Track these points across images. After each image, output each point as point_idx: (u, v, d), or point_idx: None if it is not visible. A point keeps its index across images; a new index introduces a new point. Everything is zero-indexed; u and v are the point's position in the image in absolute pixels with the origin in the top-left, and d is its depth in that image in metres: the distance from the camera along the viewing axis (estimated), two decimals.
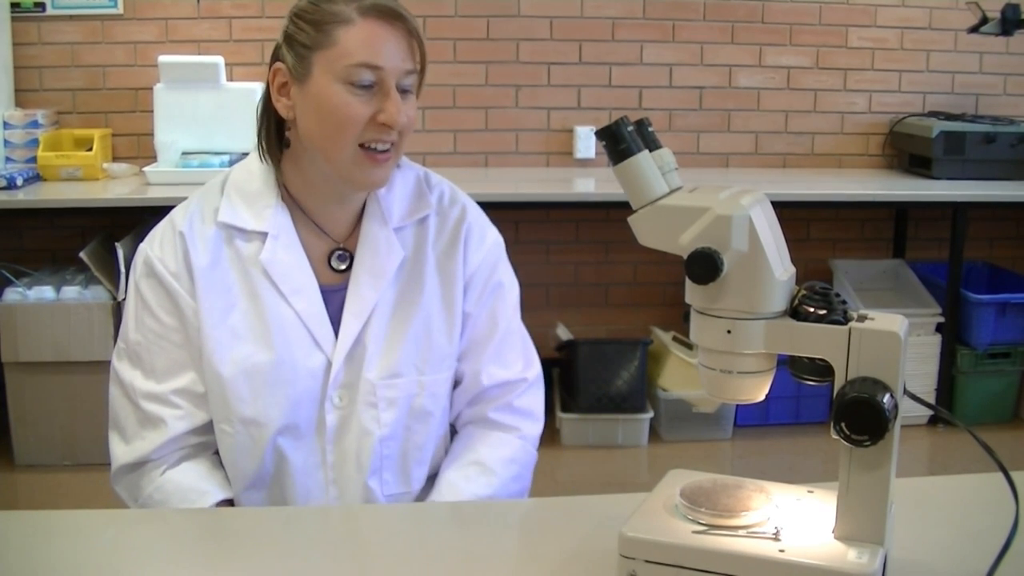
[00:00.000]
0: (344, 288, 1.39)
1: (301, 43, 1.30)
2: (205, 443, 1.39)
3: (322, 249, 1.41)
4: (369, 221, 1.41)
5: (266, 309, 1.35)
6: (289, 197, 1.40)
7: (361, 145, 1.31)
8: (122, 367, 1.38)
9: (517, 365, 1.49)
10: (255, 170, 1.41)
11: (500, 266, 1.49)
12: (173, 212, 1.41)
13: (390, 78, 1.29)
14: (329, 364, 1.37)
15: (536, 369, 1.52)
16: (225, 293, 1.36)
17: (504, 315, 1.48)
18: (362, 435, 1.38)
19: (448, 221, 1.45)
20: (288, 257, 1.37)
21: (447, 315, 1.43)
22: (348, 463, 1.38)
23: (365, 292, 1.38)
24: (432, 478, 1.46)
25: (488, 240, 1.48)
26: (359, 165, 1.32)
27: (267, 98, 1.37)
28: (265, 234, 1.37)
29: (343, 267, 1.41)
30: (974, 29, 3.56)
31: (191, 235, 1.37)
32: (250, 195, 1.39)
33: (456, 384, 1.48)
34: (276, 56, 1.35)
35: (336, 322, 1.38)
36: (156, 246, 1.38)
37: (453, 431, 1.52)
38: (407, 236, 1.43)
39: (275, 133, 1.39)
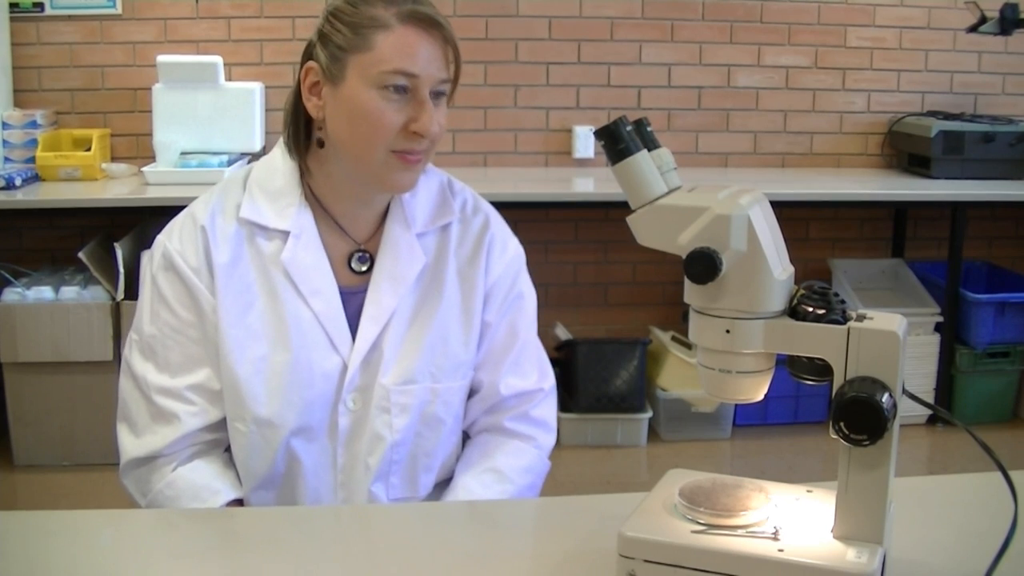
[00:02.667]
0: (363, 290, 1.38)
1: (337, 44, 1.28)
2: (218, 440, 1.39)
3: (343, 250, 1.40)
4: (392, 225, 1.40)
5: (284, 309, 1.35)
6: (312, 196, 1.39)
7: (393, 151, 1.30)
8: (135, 360, 1.37)
9: (533, 375, 1.49)
10: (278, 167, 1.39)
11: (521, 277, 1.49)
12: (193, 205, 1.39)
13: (425, 86, 1.28)
14: (345, 367, 1.36)
15: (551, 380, 1.52)
16: (244, 291, 1.35)
17: (524, 326, 1.48)
18: (374, 440, 1.37)
19: (471, 229, 1.45)
20: (309, 257, 1.36)
21: (465, 324, 1.42)
22: (358, 467, 1.38)
23: (385, 297, 1.37)
24: (439, 485, 1.46)
25: (510, 250, 1.47)
26: (390, 167, 1.31)
27: (296, 96, 1.36)
28: (287, 233, 1.36)
29: (364, 269, 1.40)
30: (973, 28, 3.56)
31: (212, 230, 1.35)
32: (273, 192, 1.38)
33: (472, 393, 1.47)
34: (309, 54, 1.33)
35: (354, 324, 1.37)
36: (176, 239, 1.36)
37: (465, 437, 1.52)
38: (429, 242, 1.42)
39: (303, 131, 1.37)
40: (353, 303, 1.38)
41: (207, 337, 1.35)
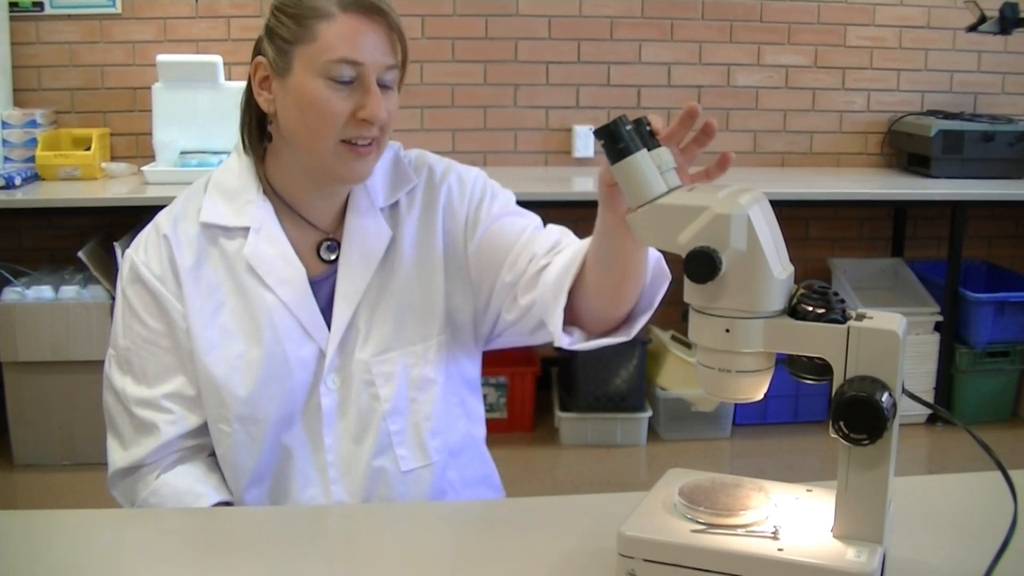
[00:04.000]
0: (332, 275, 1.39)
1: (282, 37, 1.30)
2: (200, 445, 1.39)
3: (310, 241, 1.41)
4: (354, 207, 1.41)
5: (254, 303, 1.35)
6: (272, 191, 1.40)
7: (343, 140, 1.31)
8: (113, 374, 1.38)
9: (532, 224, 1.44)
10: (235, 167, 1.41)
11: (487, 190, 1.46)
12: (157, 216, 1.41)
13: (370, 73, 1.29)
14: (321, 353, 1.37)
15: (536, 218, 1.47)
16: (213, 293, 1.36)
17: (509, 211, 1.44)
18: (364, 414, 1.38)
19: (418, 186, 1.44)
20: (272, 249, 1.37)
21: (427, 281, 1.41)
22: (351, 446, 1.38)
23: (355, 275, 1.38)
24: (451, 451, 1.44)
25: (468, 181, 1.45)
26: (341, 159, 1.32)
27: (249, 92, 1.37)
28: (247, 229, 1.37)
29: (333, 257, 1.40)
30: (972, 28, 3.56)
31: (175, 237, 1.37)
32: (231, 192, 1.39)
33: (528, 279, 1.38)
34: (258, 50, 1.34)
35: (328, 311, 1.38)
36: (141, 250, 1.38)
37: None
38: (388, 214, 1.43)
39: (256, 127, 1.39)
40: (323, 289, 1.39)
41: (179, 345, 1.36)
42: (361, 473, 1.38)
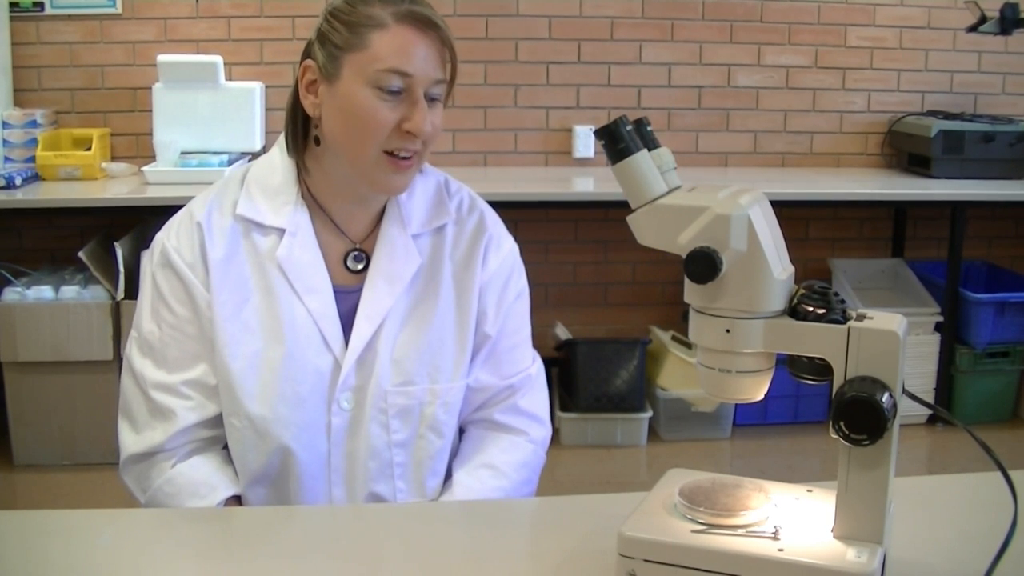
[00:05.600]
0: (358, 290, 1.39)
1: (333, 43, 1.29)
2: (216, 437, 1.39)
3: (339, 249, 1.41)
4: (388, 225, 1.41)
5: (279, 305, 1.35)
6: (309, 194, 1.40)
7: (385, 151, 1.31)
8: (134, 356, 1.38)
9: (522, 363, 1.50)
10: (276, 165, 1.41)
11: (515, 274, 1.49)
12: (192, 202, 1.41)
13: (419, 86, 1.29)
14: (337, 365, 1.36)
15: (538, 363, 1.53)
16: (240, 286, 1.36)
17: (517, 324, 1.49)
18: (371, 441, 1.37)
19: (466, 229, 1.45)
20: (304, 255, 1.37)
21: (461, 324, 1.42)
22: (354, 467, 1.38)
23: (380, 296, 1.38)
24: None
25: (504, 248, 1.48)
26: (381, 169, 1.32)
27: (295, 94, 1.37)
28: (282, 230, 1.37)
29: (359, 268, 1.40)
30: (973, 28, 3.56)
31: (208, 226, 1.36)
32: (270, 190, 1.39)
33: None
34: (308, 53, 1.34)
35: (348, 324, 1.38)
36: (173, 236, 1.38)
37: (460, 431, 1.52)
38: (424, 243, 1.43)
39: (301, 129, 1.39)
40: (347, 302, 1.38)
41: (203, 332, 1.36)
42: (360, 494, 1.39)
